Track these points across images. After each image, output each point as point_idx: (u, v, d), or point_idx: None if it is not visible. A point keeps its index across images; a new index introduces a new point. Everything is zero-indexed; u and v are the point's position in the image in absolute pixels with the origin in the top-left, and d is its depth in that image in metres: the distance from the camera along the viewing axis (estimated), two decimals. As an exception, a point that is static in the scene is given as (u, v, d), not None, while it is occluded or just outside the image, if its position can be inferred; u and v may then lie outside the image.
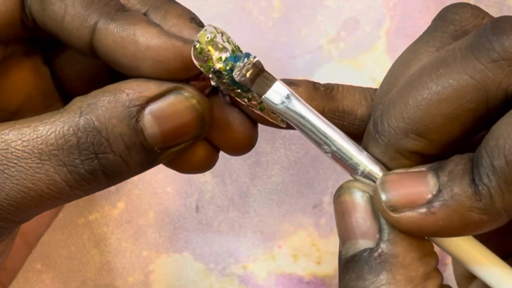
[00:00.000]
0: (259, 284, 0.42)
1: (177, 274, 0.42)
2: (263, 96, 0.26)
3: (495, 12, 0.41)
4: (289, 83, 0.29)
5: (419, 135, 0.24)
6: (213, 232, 0.42)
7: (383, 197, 0.24)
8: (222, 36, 0.26)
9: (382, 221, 0.25)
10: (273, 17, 0.42)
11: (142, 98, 0.26)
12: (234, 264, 0.42)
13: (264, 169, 0.42)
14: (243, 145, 0.29)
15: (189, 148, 0.28)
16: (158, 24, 0.27)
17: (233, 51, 0.27)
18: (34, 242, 0.36)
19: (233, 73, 0.26)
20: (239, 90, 0.27)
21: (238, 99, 0.28)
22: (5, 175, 0.26)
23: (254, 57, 0.26)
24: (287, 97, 0.26)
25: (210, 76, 0.27)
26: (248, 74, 0.26)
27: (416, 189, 0.24)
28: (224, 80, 0.27)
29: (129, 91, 0.27)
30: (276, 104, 0.26)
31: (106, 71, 0.30)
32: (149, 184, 0.42)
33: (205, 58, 0.26)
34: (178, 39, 0.26)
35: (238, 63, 0.26)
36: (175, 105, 0.27)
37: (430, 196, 0.23)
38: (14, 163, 0.26)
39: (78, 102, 0.27)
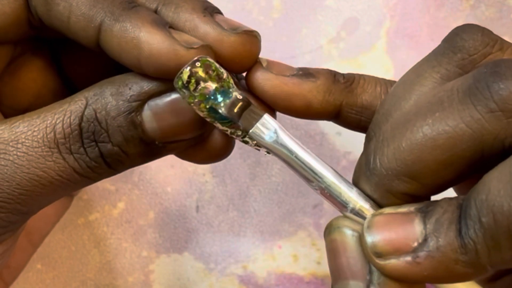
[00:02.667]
0: (259, 284, 0.42)
1: (177, 274, 0.42)
2: (250, 131, 0.26)
3: (495, 12, 0.41)
4: (308, 74, 0.28)
5: (411, 178, 0.24)
6: (213, 232, 0.42)
7: (369, 241, 0.24)
8: (207, 72, 0.26)
9: None
10: (273, 17, 0.42)
11: (143, 93, 0.27)
12: (234, 264, 0.42)
13: (264, 169, 0.42)
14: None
15: (193, 145, 0.28)
16: (165, 25, 0.27)
17: (216, 88, 0.26)
18: (39, 242, 0.37)
19: (220, 109, 0.26)
20: (220, 123, 0.27)
21: (221, 129, 0.27)
22: (16, 165, 0.27)
23: (241, 94, 0.26)
24: (275, 132, 0.26)
25: (191, 105, 0.26)
26: (235, 109, 0.26)
27: (402, 235, 0.23)
28: (203, 114, 0.26)
29: (132, 85, 0.27)
30: (263, 139, 0.26)
31: (114, 66, 0.30)
32: (149, 184, 0.42)
33: (185, 93, 0.26)
34: (183, 44, 0.26)
35: (219, 101, 0.26)
36: (175, 104, 0.27)
37: (415, 244, 0.23)
38: (24, 152, 0.27)
39: (86, 92, 0.27)
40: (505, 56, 0.25)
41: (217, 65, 0.26)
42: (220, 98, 0.26)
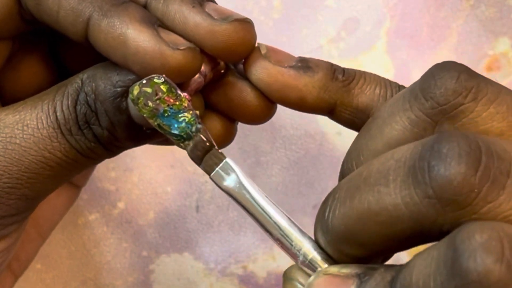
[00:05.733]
0: (259, 284, 0.42)
1: (177, 274, 0.42)
2: (210, 175, 0.26)
3: (495, 12, 0.41)
4: (307, 67, 0.28)
5: (358, 245, 0.24)
6: (213, 232, 0.42)
7: None
8: (156, 93, 0.26)
9: None
10: (273, 17, 0.42)
11: (128, 80, 0.27)
12: (234, 264, 0.42)
13: (264, 169, 0.42)
14: (261, 116, 0.29)
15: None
16: (154, 23, 0.27)
17: (165, 111, 0.26)
18: (48, 233, 0.37)
19: (186, 148, 0.26)
20: (172, 138, 0.27)
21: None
22: (23, 148, 0.27)
23: (193, 116, 0.26)
24: (236, 177, 0.26)
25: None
26: (197, 152, 0.26)
27: None
28: (155, 126, 0.26)
29: (119, 71, 0.27)
30: (222, 184, 0.26)
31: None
32: (149, 184, 0.42)
33: (136, 107, 0.26)
34: (170, 45, 0.26)
35: (166, 123, 0.26)
36: None
37: None
38: (30, 134, 0.27)
39: (81, 74, 0.28)
40: (478, 107, 0.24)
41: (171, 86, 0.26)
42: (167, 120, 0.26)
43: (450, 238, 0.21)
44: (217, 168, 0.26)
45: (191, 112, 0.26)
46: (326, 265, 0.25)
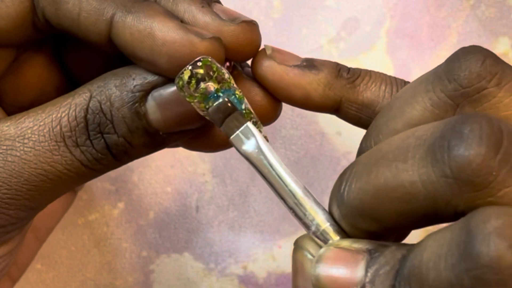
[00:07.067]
0: (259, 284, 0.42)
1: (177, 274, 0.42)
2: (230, 138, 0.26)
3: (495, 12, 0.41)
4: (312, 66, 0.28)
5: (372, 219, 0.24)
6: (213, 232, 0.42)
7: (314, 275, 0.24)
8: (208, 73, 0.26)
9: None
10: (273, 17, 0.42)
11: (146, 84, 0.27)
12: (234, 264, 0.42)
13: (264, 169, 0.42)
14: (268, 116, 0.29)
15: (199, 135, 0.28)
16: (177, 17, 0.27)
17: (217, 89, 0.26)
18: (45, 237, 0.37)
19: (209, 110, 0.26)
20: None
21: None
22: (23, 161, 0.27)
23: (240, 92, 0.26)
24: (256, 142, 0.26)
25: (192, 104, 0.26)
26: (220, 114, 0.26)
27: (345, 276, 0.23)
28: (204, 113, 0.26)
29: (136, 76, 0.27)
30: (241, 148, 0.26)
31: (117, 61, 0.30)
32: (149, 184, 0.42)
33: (185, 94, 0.26)
34: (196, 34, 0.26)
35: (220, 101, 0.26)
36: (178, 93, 0.27)
37: None
38: (31, 147, 0.27)
39: (89, 85, 0.28)
40: (501, 93, 0.24)
41: (219, 66, 0.26)
42: (220, 99, 0.26)
43: (464, 221, 0.21)
44: (237, 131, 0.26)
45: (239, 89, 0.27)
46: (338, 238, 0.25)
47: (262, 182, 0.26)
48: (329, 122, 0.29)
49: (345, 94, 0.28)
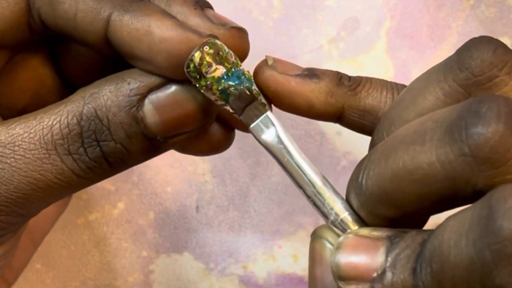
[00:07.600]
0: (259, 284, 0.42)
1: (177, 274, 0.42)
2: (250, 126, 0.26)
3: (495, 12, 0.41)
4: (313, 75, 0.28)
5: (392, 205, 0.24)
6: (213, 232, 0.42)
7: (334, 262, 0.24)
8: (218, 53, 0.26)
9: None
10: (273, 17, 0.42)
11: (143, 87, 0.27)
12: (234, 264, 0.42)
13: (264, 169, 0.42)
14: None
15: (196, 137, 0.28)
16: (174, 16, 0.27)
17: (228, 70, 0.26)
18: (40, 240, 0.37)
19: (231, 93, 0.26)
20: (225, 104, 0.27)
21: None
22: (13, 168, 0.27)
23: (249, 74, 0.26)
24: (275, 131, 0.26)
25: (202, 90, 0.26)
26: (240, 102, 0.26)
27: (365, 262, 0.24)
28: (215, 97, 0.26)
29: (131, 80, 0.27)
30: (260, 137, 0.26)
31: (112, 65, 0.30)
32: (149, 184, 0.42)
33: (197, 77, 0.26)
34: (193, 32, 0.26)
35: (231, 82, 0.26)
36: (176, 95, 0.27)
37: (375, 275, 0.23)
38: (21, 155, 0.27)
39: (82, 92, 0.27)
40: None
41: (226, 47, 0.26)
42: (231, 80, 0.26)
43: (485, 198, 0.21)
44: (257, 120, 0.26)
45: (247, 70, 0.26)
46: (356, 227, 0.25)
47: (262, 182, 0.26)
48: (329, 122, 0.29)
49: (347, 101, 0.28)
